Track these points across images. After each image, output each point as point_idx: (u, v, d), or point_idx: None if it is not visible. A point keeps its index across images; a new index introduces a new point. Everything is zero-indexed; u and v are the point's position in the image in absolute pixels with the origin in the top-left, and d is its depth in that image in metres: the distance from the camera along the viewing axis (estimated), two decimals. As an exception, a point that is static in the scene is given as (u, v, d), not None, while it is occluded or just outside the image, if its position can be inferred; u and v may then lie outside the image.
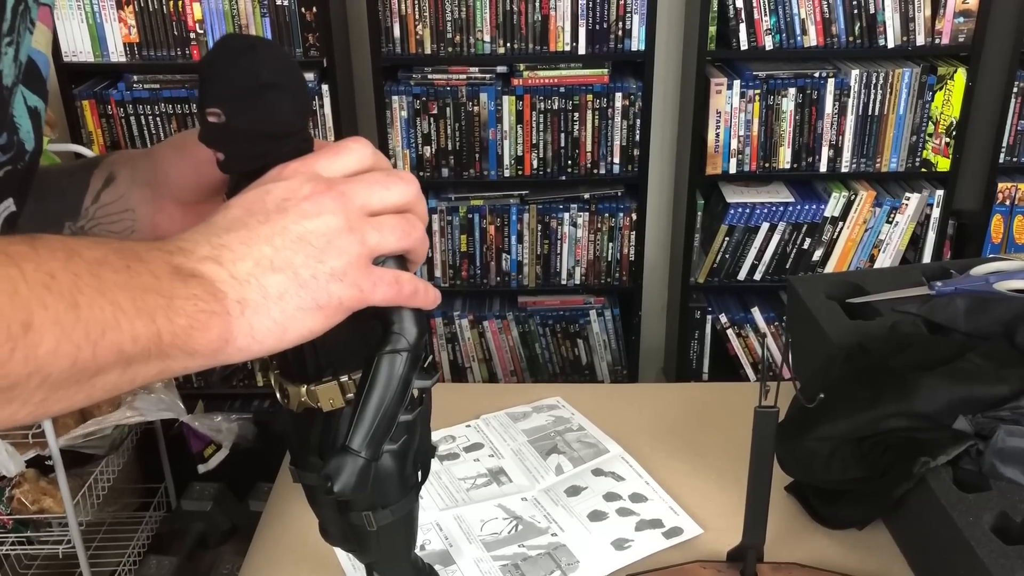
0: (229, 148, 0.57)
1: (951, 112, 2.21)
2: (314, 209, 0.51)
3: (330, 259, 0.50)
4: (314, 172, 0.53)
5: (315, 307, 0.50)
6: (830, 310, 1.11)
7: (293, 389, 0.61)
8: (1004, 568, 0.72)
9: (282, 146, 0.58)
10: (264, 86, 0.56)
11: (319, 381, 0.60)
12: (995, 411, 0.84)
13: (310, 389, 0.60)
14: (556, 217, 2.34)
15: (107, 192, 0.66)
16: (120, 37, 2.18)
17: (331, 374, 0.60)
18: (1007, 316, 0.98)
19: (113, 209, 0.66)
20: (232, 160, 0.58)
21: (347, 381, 0.60)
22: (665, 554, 0.93)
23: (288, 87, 0.57)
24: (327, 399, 0.60)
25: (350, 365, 0.60)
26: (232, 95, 0.56)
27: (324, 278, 0.50)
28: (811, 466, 0.90)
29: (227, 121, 0.56)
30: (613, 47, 2.18)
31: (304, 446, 0.62)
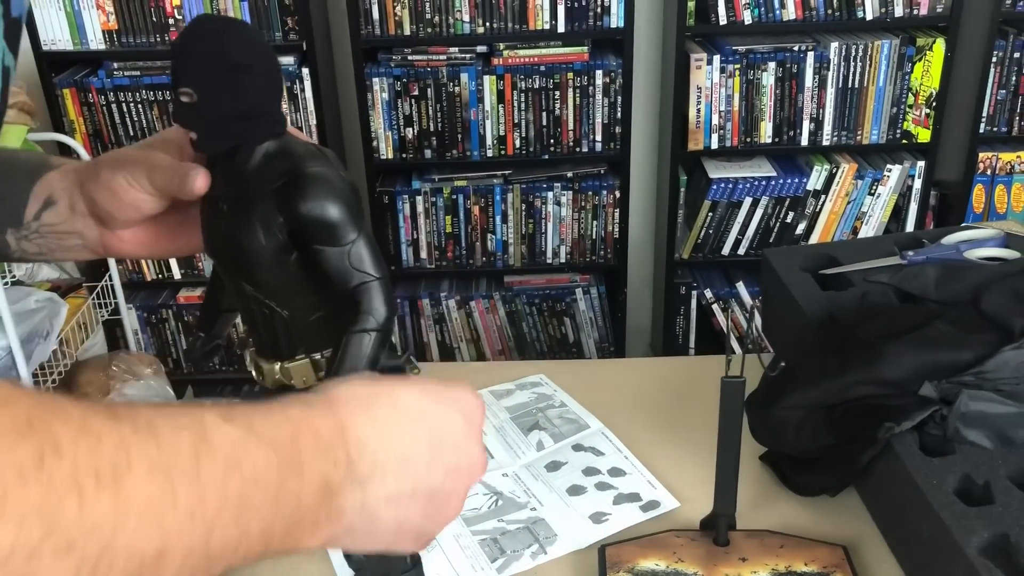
0: (202, 128, 0.58)
1: (931, 83, 2.22)
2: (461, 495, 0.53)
3: (432, 525, 0.52)
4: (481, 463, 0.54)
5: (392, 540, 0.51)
6: (803, 281, 1.12)
7: (268, 367, 0.63)
8: (965, 529, 0.74)
9: (254, 126, 0.59)
10: (235, 66, 0.57)
11: (292, 359, 0.61)
12: (960, 376, 0.86)
13: (284, 367, 0.62)
14: (540, 196, 2.35)
15: (48, 214, 0.65)
16: (99, 24, 2.17)
17: (304, 352, 0.61)
18: (975, 283, 1.00)
19: (59, 229, 0.66)
20: (205, 140, 0.59)
21: (320, 359, 0.61)
22: (641, 526, 0.95)
23: (259, 68, 0.58)
24: (300, 377, 0.62)
25: (322, 344, 0.61)
26: (204, 75, 0.57)
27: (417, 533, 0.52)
28: (782, 435, 0.92)
29: (199, 101, 0.57)
30: (592, 25, 2.18)
31: None
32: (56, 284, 2.11)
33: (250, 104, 0.58)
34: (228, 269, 0.62)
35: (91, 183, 0.63)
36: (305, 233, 0.58)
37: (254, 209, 0.58)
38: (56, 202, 0.65)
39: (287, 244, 0.59)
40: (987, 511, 0.76)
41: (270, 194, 0.58)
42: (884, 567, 0.87)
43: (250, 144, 0.59)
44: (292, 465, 0.42)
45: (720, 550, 0.88)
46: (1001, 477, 0.80)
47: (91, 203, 0.64)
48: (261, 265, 0.59)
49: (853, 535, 0.91)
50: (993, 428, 0.83)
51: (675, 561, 0.87)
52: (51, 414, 0.34)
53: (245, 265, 0.59)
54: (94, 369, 2.07)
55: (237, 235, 0.59)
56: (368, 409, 0.48)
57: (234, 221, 0.59)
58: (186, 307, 2.44)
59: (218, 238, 0.61)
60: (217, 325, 0.72)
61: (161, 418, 0.38)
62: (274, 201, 0.58)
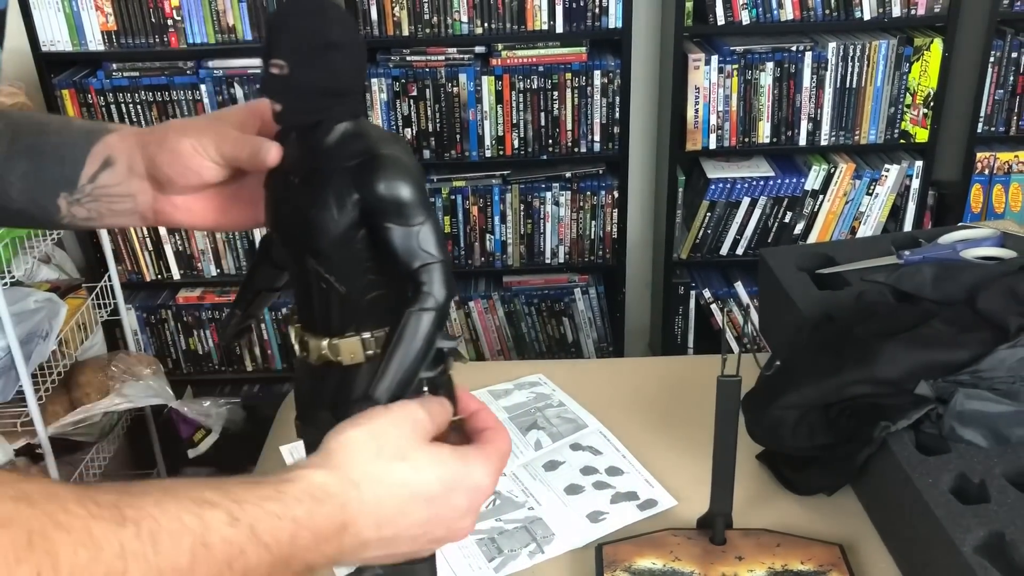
0: (287, 100, 0.59)
1: (928, 83, 2.22)
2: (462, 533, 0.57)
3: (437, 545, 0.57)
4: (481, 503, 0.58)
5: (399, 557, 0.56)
6: (800, 281, 1.13)
7: (315, 342, 0.64)
8: (960, 527, 0.74)
9: (338, 104, 0.61)
10: (330, 44, 0.59)
11: (342, 335, 0.63)
12: (955, 375, 0.86)
13: (332, 343, 0.63)
14: (538, 196, 2.35)
15: (105, 175, 0.66)
16: (98, 25, 2.17)
17: (354, 330, 0.63)
18: (971, 283, 1.00)
19: (113, 192, 0.67)
20: (288, 113, 0.60)
21: (369, 338, 0.63)
22: (639, 525, 0.95)
23: (351, 48, 0.60)
24: (349, 353, 0.63)
25: (373, 323, 0.63)
26: (298, 49, 0.58)
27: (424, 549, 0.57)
28: (779, 434, 0.92)
29: (290, 74, 0.58)
30: (590, 25, 2.19)
31: (316, 400, 0.65)
32: (55, 284, 2.11)
33: (338, 82, 0.60)
34: (293, 242, 0.63)
35: (154, 146, 0.65)
36: (377, 211, 0.60)
37: (329, 184, 0.60)
38: (114, 163, 0.66)
39: (358, 220, 0.60)
40: (983, 509, 0.77)
41: (346, 171, 0.60)
42: (880, 566, 0.87)
43: (331, 121, 0.60)
44: (282, 561, 0.46)
45: (717, 549, 0.88)
46: (997, 476, 0.80)
47: (152, 165, 0.65)
48: (329, 239, 0.60)
49: (849, 534, 0.91)
50: (989, 427, 0.84)
51: (672, 560, 0.87)
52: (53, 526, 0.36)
53: (313, 238, 0.61)
54: (93, 369, 2.07)
55: (309, 208, 0.60)
56: (377, 504, 0.52)
57: (307, 194, 0.61)
58: (185, 307, 2.44)
59: (287, 211, 0.62)
60: (254, 304, 0.73)
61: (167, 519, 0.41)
62: (350, 178, 0.59)
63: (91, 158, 0.66)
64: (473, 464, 0.56)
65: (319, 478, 0.50)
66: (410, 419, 0.55)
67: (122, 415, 2.18)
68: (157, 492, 0.42)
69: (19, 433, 1.88)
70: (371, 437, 0.53)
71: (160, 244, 2.37)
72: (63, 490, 0.39)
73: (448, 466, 0.55)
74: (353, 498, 0.50)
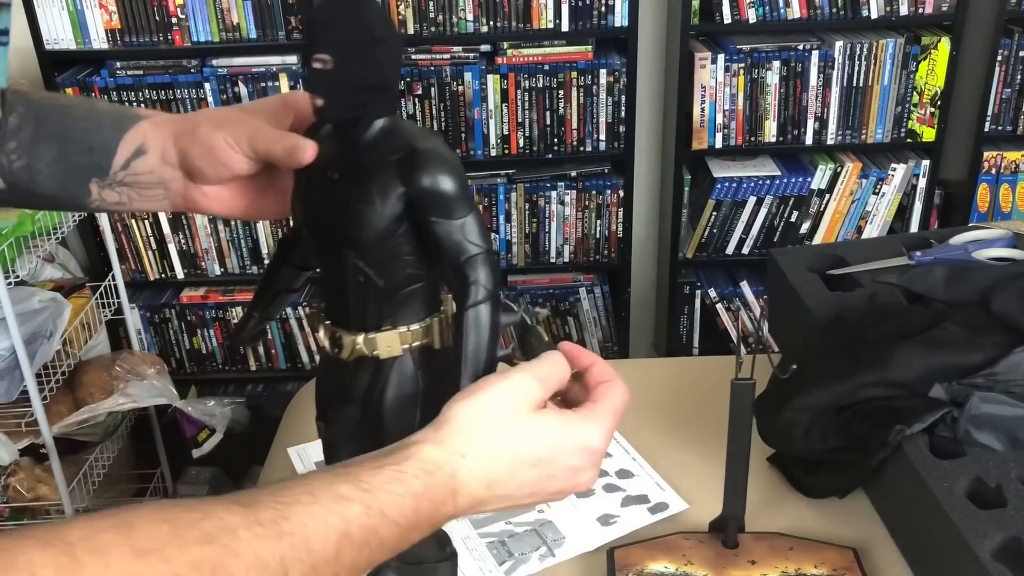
0: (330, 95, 0.60)
1: (935, 82, 2.21)
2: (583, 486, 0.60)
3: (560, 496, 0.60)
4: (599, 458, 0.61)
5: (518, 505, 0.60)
6: (810, 282, 1.12)
7: (348, 338, 0.64)
8: (977, 532, 0.74)
9: (380, 99, 0.61)
10: (374, 39, 0.59)
11: (379, 329, 0.63)
12: (970, 378, 0.85)
13: (369, 337, 0.63)
14: (543, 195, 2.35)
15: (137, 163, 0.66)
16: (101, 23, 2.16)
17: (391, 324, 0.63)
18: (985, 284, 0.99)
19: (144, 180, 0.67)
20: (330, 108, 0.60)
21: (406, 331, 0.63)
22: (650, 528, 0.94)
23: (393, 44, 0.61)
24: (386, 347, 0.63)
25: (409, 317, 0.64)
26: (342, 44, 0.58)
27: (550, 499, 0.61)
28: (791, 437, 0.91)
29: (334, 69, 0.58)
30: (596, 23, 2.18)
31: (345, 397, 0.65)
32: (59, 284, 2.11)
33: (381, 78, 0.60)
34: (329, 236, 0.63)
35: (187, 137, 0.65)
36: (422, 205, 0.60)
37: (372, 179, 0.60)
38: (147, 151, 0.66)
39: (401, 214, 0.60)
40: (999, 514, 0.76)
41: (390, 165, 0.60)
42: (894, 570, 0.86)
43: (371, 116, 0.61)
44: (411, 528, 0.53)
45: (729, 552, 0.88)
46: (1013, 480, 0.79)
47: (183, 156, 0.65)
48: (372, 233, 0.60)
49: (863, 538, 0.90)
50: (1004, 430, 0.83)
51: (684, 564, 0.87)
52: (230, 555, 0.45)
53: (355, 232, 0.61)
54: (97, 369, 2.07)
55: (351, 202, 0.60)
56: (486, 470, 0.56)
57: (348, 189, 0.61)
58: (189, 307, 2.44)
59: (325, 205, 0.62)
60: (272, 305, 0.73)
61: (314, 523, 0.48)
62: (395, 172, 0.60)
63: (123, 145, 0.66)
64: (579, 426, 0.58)
65: (429, 453, 0.54)
66: (519, 389, 0.57)
67: (126, 415, 2.17)
68: (305, 497, 0.49)
69: (24, 433, 1.87)
70: (478, 410, 0.56)
71: (164, 243, 2.37)
72: (231, 516, 0.46)
73: (552, 431, 0.58)
74: (461, 467, 0.55)
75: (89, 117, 0.67)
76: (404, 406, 0.64)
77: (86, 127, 0.66)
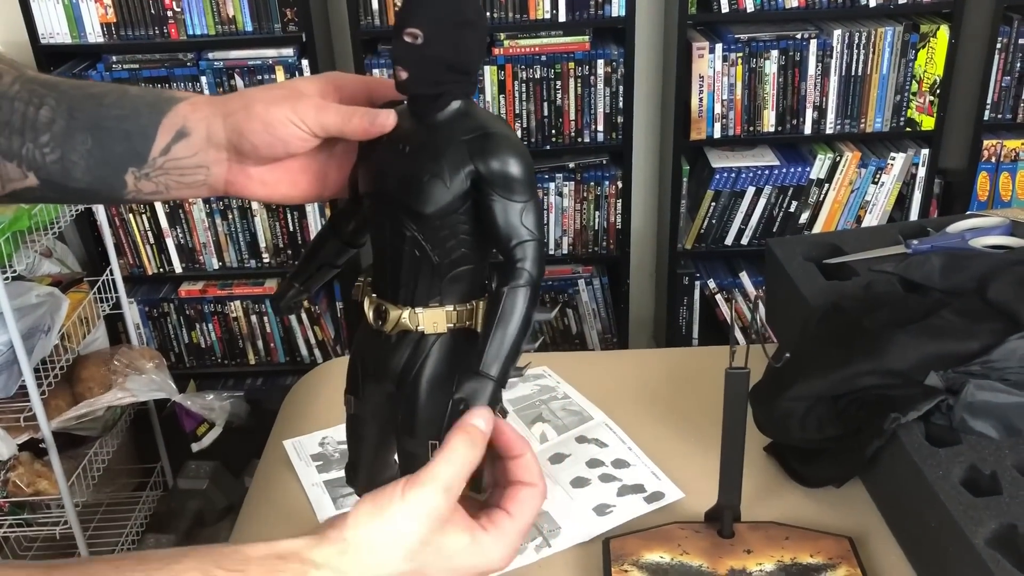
0: (415, 69, 0.61)
1: (935, 70, 2.20)
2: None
3: None
4: None
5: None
6: (807, 271, 1.11)
7: (395, 312, 0.65)
8: (972, 520, 0.73)
9: (461, 80, 0.63)
10: (465, 21, 0.61)
11: (426, 305, 0.64)
12: (966, 366, 0.85)
13: (414, 312, 0.64)
14: (542, 187, 2.34)
15: (179, 146, 0.65)
16: (97, 17, 2.16)
17: (438, 301, 0.64)
18: (981, 272, 0.99)
19: (186, 164, 0.65)
20: (413, 81, 0.62)
21: (452, 310, 0.64)
22: (646, 518, 0.94)
23: (480, 30, 0.63)
24: (431, 323, 0.65)
25: (456, 296, 0.65)
26: (435, 21, 0.60)
27: None
28: (787, 426, 0.91)
29: (423, 44, 0.60)
30: (593, 14, 2.17)
31: (381, 371, 0.66)
32: (57, 279, 2.11)
33: (466, 59, 0.62)
34: (393, 207, 0.64)
35: (240, 115, 0.64)
36: (488, 185, 0.61)
37: (444, 154, 0.62)
38: (190, 134, 0.65)
39: (467, 192, 0.62)
40: (994, 502, 0.75)
41: (462, 144, 0.61)
42: (890, 559, 0.86)
43: (450, 96, 0.62)
44: None
45: (725, 542, 0.87)
46: (1008, 467, 0.79)
47: (237, 135, 0.64)
48: (437, 207, 0.62)
49: (859, 526, 0.90)
50: (1000, 418, 0.82)
51: (680, 553, 0.86)
52: None
53: (420, 204, 0.62)
54: (96, 363, 2.06)
55: (421, 175, 0.62)
56: None
57: (419, 162, 0.62)
58: (187, 301, 2.44)
59: (393, 177, 0.64)
60: (313, 278, 0.74)
61: None
62: (467, 150, 0.61)
63: (163, 130, 0.64)
64: (486, 550, 0.57)
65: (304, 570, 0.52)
66: (423, 509, 0.55)
67: (125, 409, 2.17)
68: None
69: (22, 428, 1.87)
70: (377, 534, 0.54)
71: (162, 238, 2.37)
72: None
73: (458, 555, 0.56)
74: None
75: (123, 104, 0.65)
76: (439, 384, 0.65)
77: (121, 114, 0.64)
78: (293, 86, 0.65)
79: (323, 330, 2.49)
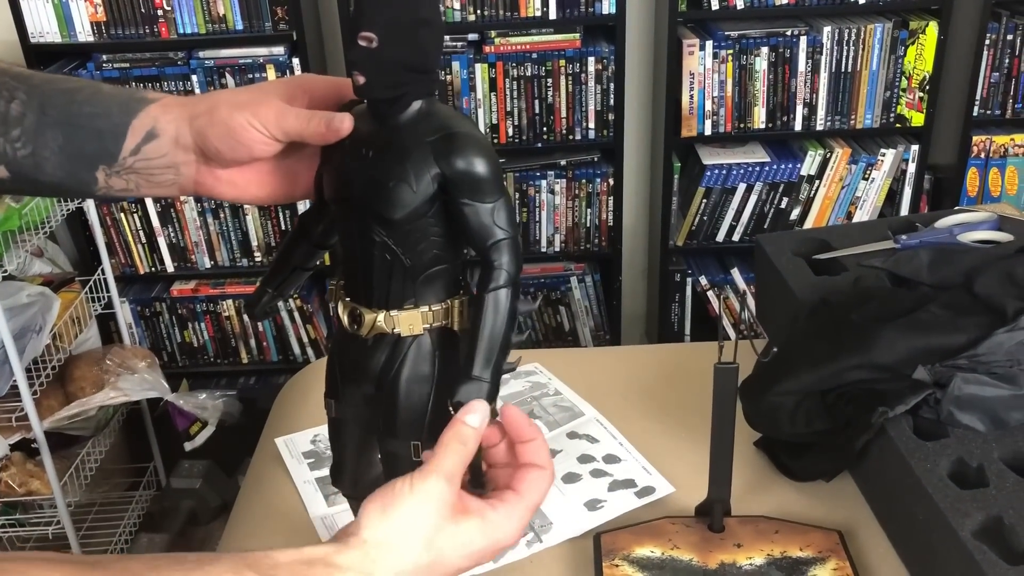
0: (372, 74, 0.60)
1: (924, 66, 2.21)
2: None
3: None
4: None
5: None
6: (796, 267, 1.12)
7: (369, 315, 0.64)
8: (959, 512, 0.74)
9: (421, 80, 0.62)
10: (420, 20, 0.60)
11: (401, 308, 0.64)
12: (953, 360, 0.86)
13: (390, 315, 0.64)
14: (533, 185, 2.35)
15: (149, 147, 0.65)
16: (87, 16, 2.15)
17: (412, 303, 0.64)
18: (969, 267, 1.00)
19: (155, 164, 0.66)
20: (371, 86, 0.61)
21: (427, 311, 0.64)
22: (637, 512, 0.95)
23: (437, 28, 0.61)
24: (407, 325, 0.64)
25: (431, 297, 0.64)
26: (389, 23, 0.59)
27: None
28: (776, 421, 0.92)
29: (379, 47, 0.59)
30: (584, 11, 2.17)
31: (359, 376, 0.66)
32: (48, 278, 2.10)
33: (424, 59, 0.61)
34: (360, 213, 0.63)
35: (204, 118, 0.64)
36: (456, 186, 0.61)
37: (408, 157, 0.61)
38: (159, 135, 0.65)
39: (434, 195, 0.61)
40: (981, 494, 0.76)
41: (426, 145, 0.61)
42: (879, 551, 0.87)
43: (411, 97, 0.61)
44: None
45: (715, 536, 0.88)
46: (995, 460, 0.80)
47: (201, 138, 0.64)
48: (404, 211, 0.61)
49: (848, 520, 0.91)
50: (986, 411, 0.83)
51: (670, 548, 0.87)
52: None
53: (387, 209, 0.61)
54: (88, 363, 2.06)
55: (386, 179, 0.61)
56: None
57: (383, 166, 0.61)
58: (179, 300, 2.43)
59: (358, 182, 0.63)
60: (287, 282, 0.74)
61: None
62: (431, 152, 0.61)
63: (133, 131, 0.64)
64: (498, 527, 0.58)
65: None
66: (432, 499, 0.56)
67: (118, 409, 2.17)
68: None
69: (14, 428, 1.87)
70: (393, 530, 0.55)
71: (153, 237, 2.36)
72: None
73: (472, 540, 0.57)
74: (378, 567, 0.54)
75: (95, 101, 0.65)
76: (418, 385, 0.65)
77: (93, 112, 0.65)
78: (260, 89, 0.65)
79: (315, 329, 2.49)
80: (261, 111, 0.63)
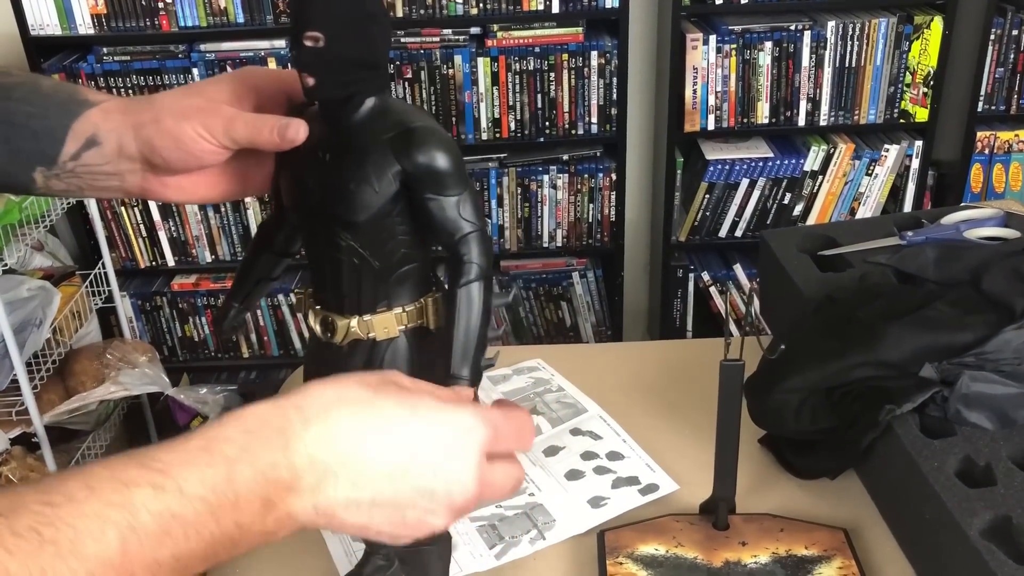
0: (321, 74, 0.58)
1: (928, 62, 2.20)
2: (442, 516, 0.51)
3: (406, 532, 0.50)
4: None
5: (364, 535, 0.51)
6: (801, 263, 1.11)
7: (342, 322, 0.63)
8: (967, 511, 0.73)
9: (372, 77, 0.60)
10: (366, 16, 0.58)
11: (374, 311, 0.63)
12: (960, 358, 0.85)
13: (363, 319, 0.62)
14: (536, 179, 2.34)
15: (90, 154, 0.63)
16: (87, 9, 2.14)
17: (386, 305, 0.63)
18: (975, 264, 0.99)
19: (98, 171, 0.64)
20: (321, 86, 0.59)
21: (401, 312, 0.63)
22: (640, 510, 0.94)
23: (384, 22, 0.60)
24: (382, 328, 0.63)
25: (405, 297, 0.63)
26: (335, 21, 0.57)
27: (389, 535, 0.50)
28: (781, 418, 0.91)
29: (326, 47, 0.57)
30: (587, 5, 2.16)
31: None
32: (48, 272, 2.10)
33: (373, 55, 0.59)
34: (322, 219, 0.62)
35: (150, 129, 0.62)
36: (418, 182, 0.59)
37: (367, 158, 0.59)
38: (101, 143, 0.63)
39: (397, 194, 0.60)
40: (989, 493, 0.75)
41: (384, 143, 0.59)
42: (885, 550, 0.86)
43: (364, 95, 0.60)
44: (225, 504, 0.44)
45: (720, 534, 0.87)
46: (1003, 458, 0.79)
47: (147, 148, 0.62)
48: (368, 214, 0.60)
49: (854, 518, 0.90)
50: (994, 409, 0.82)
51: (674, 546, 0.86)
52: None
53: (351, 213, 0.60)
54: (88, 357, 2.06)
55: (347, 183, 0.59)
56: (326, 419, 0.47)
57: (342, 169, 0.60)
58: (180, 294, 2.43)
59: (318, 188, 0.61)
60: (252, 294, 0.72)
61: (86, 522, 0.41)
62: (390, 149, 0.59)
63: (72, 136, 0.62)
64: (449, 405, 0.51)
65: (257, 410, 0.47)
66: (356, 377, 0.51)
67: (118, 403, 2.17)
68: (80, 493, 0.42)
69: (15, 422, 1.87)
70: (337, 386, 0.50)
71: (154, 231, 2.36)
72: None
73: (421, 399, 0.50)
74: (296, 416, 0.47)
75: (31, 100, 0.63)
76: None
77: (29, 111, 0.62)
78: (204, 92, 0.63)
79: (317, 323, 2.48)
80: (209, 121, 0.61)
